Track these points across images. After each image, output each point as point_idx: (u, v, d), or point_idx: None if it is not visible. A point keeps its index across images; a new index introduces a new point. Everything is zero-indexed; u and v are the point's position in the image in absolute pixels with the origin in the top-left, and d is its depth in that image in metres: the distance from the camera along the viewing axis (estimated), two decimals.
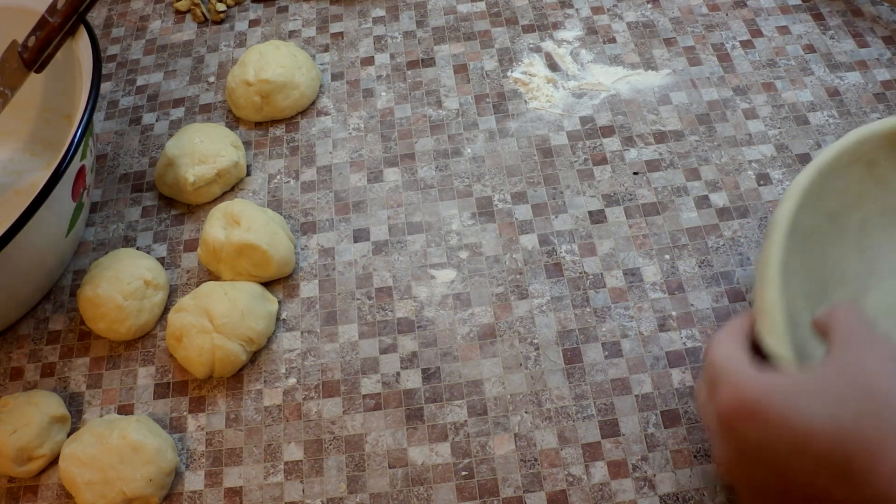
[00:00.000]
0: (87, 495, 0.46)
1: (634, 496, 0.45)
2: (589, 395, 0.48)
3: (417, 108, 0.63)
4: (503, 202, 0.57)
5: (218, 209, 0.55)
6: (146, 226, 0.60)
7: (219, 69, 0.69)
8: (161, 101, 0.67)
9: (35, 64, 0.55)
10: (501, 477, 0.46)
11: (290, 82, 0.62)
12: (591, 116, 0.61)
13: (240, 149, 0.61)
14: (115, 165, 0.64)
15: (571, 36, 0.66)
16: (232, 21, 0.72)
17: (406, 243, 0.56)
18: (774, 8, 0.65)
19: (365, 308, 0.54)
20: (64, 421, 0.50)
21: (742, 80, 0.61)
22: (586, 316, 0.51)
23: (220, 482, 0.48)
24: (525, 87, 0.63)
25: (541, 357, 0.50)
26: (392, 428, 0.49)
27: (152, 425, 0.48)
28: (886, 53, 0.61)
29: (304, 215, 0.59)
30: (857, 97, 0.59)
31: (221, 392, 0.51)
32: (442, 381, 0.50)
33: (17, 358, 0.55)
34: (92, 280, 0.53)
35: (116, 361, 0.54)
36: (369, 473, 0.47)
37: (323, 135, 0.63)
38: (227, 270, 0.54)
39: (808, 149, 0.57)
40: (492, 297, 0.53)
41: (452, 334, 0.52)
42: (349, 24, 0.70)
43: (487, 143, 0.60)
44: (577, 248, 0.54)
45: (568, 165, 0.58)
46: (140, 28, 0.74)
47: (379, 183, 0.59)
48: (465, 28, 0.68)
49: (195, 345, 0.50)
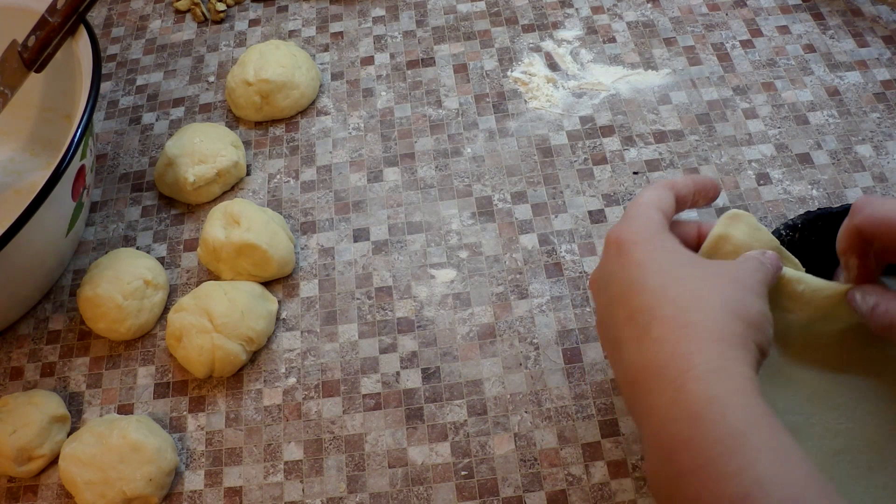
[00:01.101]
0: (87, 495, 0.46)
1: (634, 496, 0.45)
2: (589, 394, 0.48)
3: (417, 108, 0.63)
4: (503, 202, 0.57)
5: (218, 209, 0.55)
6: (146, 225, 0.60)
7: (219, 69, 0.69)
8: (161, 101, 0.67)
9: (35, 64, 0.55)
10: (501, 477, 0.46)
11: (289, 82, 0.62)
12: (591, 116, 0.61)
13: (240, 148, 0.61)
14: (114, 165, 0.64)
15: (571, 35, 0.66)
16: (232, 21, 0.72)
17: (406, 243, 0.56)
18: (774, 8, 0.65)
19: (365, 308, 0.54)
20: (64, 421, 0.50)
21: (742, 79, 0.61)
22: (586, 316, 0.51)
23: (220, 482, 0.48)
24: (525, 86, 0.63)
25: (541, 357, 0.50)
26: (392, 428, 0.49)
27: (152, 425, 0.49)
28: (886, 53, 0.61)
29: (303, 215, 0.59)
30: (857, 97, 0.59)
31: (221, 392, 0.51)
32: (442, 381, 0.50)
33: (17, 358, 0.55)
34: (92, 280, 0.53)
35: (116, 361, 0.54)
36: (369, 473, 0.47)
37: (323, 134, 0.63)
38: (226, 270, 0.54)
39: (808, 148, 0.57)
40: (492, 296, 0.53)
41: (452, 334, 0.52)
42: (349, 24, 0.70)
43: (487, 143, 0.60)
44: (577, 248, 0.54)
45: (568, 165, 0.58)
46: (140, 28, 0.74)
47: (379, 183, 0.59)
48: (465, 28, 0.68)
49: (195, 344, 0.50)
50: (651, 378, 0.31)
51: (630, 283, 0.34)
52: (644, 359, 0.32)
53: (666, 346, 0.31)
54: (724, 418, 0.28)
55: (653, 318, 0.32)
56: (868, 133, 0.57)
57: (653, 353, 0.32)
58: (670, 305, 0.32)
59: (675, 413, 0.29)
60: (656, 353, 0.31)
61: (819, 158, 0.56)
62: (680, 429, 0.29)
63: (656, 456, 0.31)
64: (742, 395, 0.29)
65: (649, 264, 0.34)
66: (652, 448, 0.31)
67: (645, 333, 0.32)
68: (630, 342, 0.33)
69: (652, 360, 0.31)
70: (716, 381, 0.29)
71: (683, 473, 0.29)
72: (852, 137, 0.57)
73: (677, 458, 0.29)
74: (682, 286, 0.33)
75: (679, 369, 0.30)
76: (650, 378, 0.31)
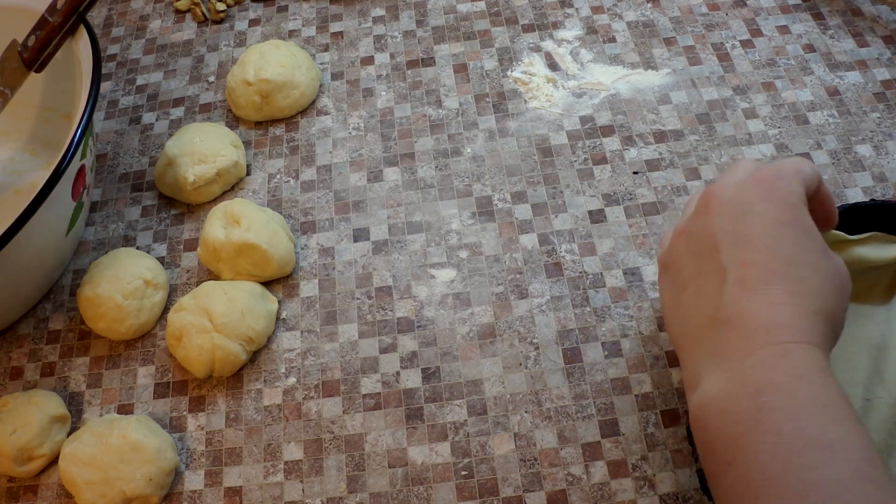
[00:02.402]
0: (87, 495, 0.46)
1: (634, 496, 0.45)
2: (589, 394, 0.48)
3: (417, 108, 0.63)
4: (503, 202, 0.57)
5: (218, 209, 0.55)
6: (146, 225, 0.60)
7: (219, 69, 0.69)
8: (161, 101, 0.67)
9: (35, 63, 0.55)
10: (501, 476, 0.46)
11: (289, 82, 0.62)
12: (591, 116, 0.61)
13: (240, 148, 0.61)
14: (114, 165, 0.64)
15: (571, 35, 0.66)
16: (232, 20, 0.72)
17: (406, 243, 0.56)
18: (774, 7, 0.65)
19: (365, 307, 0.54)
20: (64, 420, 0.50)
21: (742, 79, 0.61)
22: (586, 315, 0.51)
23: (220, 482, 0.48)
24: (525, 86, 0.63)
25: (541, 357, 0.50)
26: (392, 427, 0.49)
27: (152, 425, 0.49)
28: (886, 53, 0.61)
29: (303, 215, 0.59)
30: (857, 97, 0.59)
31: (221, 392, 0.51)
32: (442, 381, 0.50)
33: (17, 357, 0.55)
34: (92, 279, 0.53)
35: (116, 361, 0.54)
36: (369, 473, 0.47)
37: (323, 134, 0.63)
38: (226, 270, 0.54)
39: (807, 148, 0.57)
40: (492, 296, 0.53)
41: (452, 334, 0.52)
42: (349, 24, 0.70)
43: (487, 143, 0.60)
44: (577, 248, 0.54)
45: (568, 165, 0.58)
46: (140, 27, 0.74)
47: (379, 182, 0.59)
48: (465, 28, 0.68)
49: (195, 344, 0.50)
50: (758, 328, 0.33)
51: (767, 235, 0.35)
52: (755, 308, 0.34)
53: (783, 312, 0.33)
54: (824, 385, 0.32)
55: (771, 282, 0.34)
56: (868, 133, 0.57)
57: (768, 309, 0.33)
58: (797, 283, 0.34)
59: (777, 363, 0.32)
60: (772, 312, 0.33)
61: (819, 158, 0.56)
62: (778, 375, 0.32)
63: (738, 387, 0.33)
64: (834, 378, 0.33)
65: (791, 232, 0.35)
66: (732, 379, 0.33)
67: (764, 288, 0.34)
68: (743, 286, 0.34)
69: (764, 315, 0.33)
70: (821, 360, 0.33)
71: (771, 408, 0.31)
72: (852, 137, 0.57)
73: (768, 394, 0.32)
74: (810, 270, 0.34)
75: (792, 337, 0.33)
76: (757, 328, 0.33)
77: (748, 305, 0.34)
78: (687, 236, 0.38)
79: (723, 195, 0.37)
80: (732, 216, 0.36)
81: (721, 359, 0.34)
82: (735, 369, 0.33)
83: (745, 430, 0.32)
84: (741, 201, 0.36)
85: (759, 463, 0.31)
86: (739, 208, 0.36)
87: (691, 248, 0.37)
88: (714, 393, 0.34)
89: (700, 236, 0.37)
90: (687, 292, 0.37)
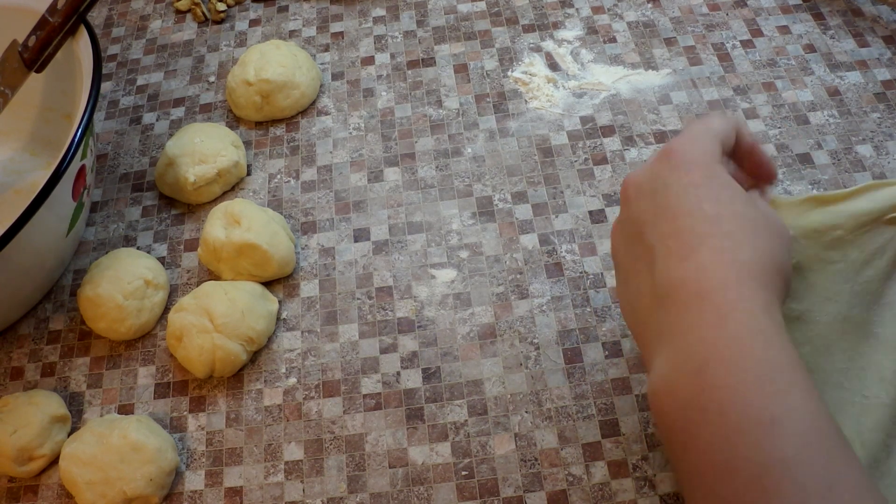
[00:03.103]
0: (88, 495, 0.46)
1: (634, 496, 0.45)
2: (589, 394, 0.48)
3: (418, 108, 0.63)
4: (503, 202, 0.57)
5: (218, 209, 0.55)
6: (146, 225, 0.60)
7: (219, 69, 0.69)
8: (161, 101, 0.67)
9: (35, 64, 0.55)
10: (501, 477, 0.46)
11: (290, 82, 0.62)
12: (592, 116, 0.61)
13: (240, 148, 0.61)
14: (115, 165, 0.64)
15: (572, 35, 0.66)
16: (232, 21, 0.72)
17: (406, 243, 0.56)
18: (775, 8, 0.65)
19: (365, 308, 0.54)
20: (64, 421, 0.50)
21: (742, 79, 0.61)
22: (586, 316, 0.51)
23: (221, 482, 0.48)
24: (525, 86, 0.63)
25: (541, 357, 0.50)
26: (392, 428, 0.49)
27: (153, 425, 0.49)
28: (886, 53, 0.61)
29: (304, 215, 0.59)
30: (858, 97, 0.59)
31: (222, 392, 0.51)
32: (442, 381, 0.50)
33: (18, 358, 0.55)
34: (92, 280, 0.53)
35: (117, 361, 0.54)
36: (369, 473, 0.47)
37: (323, 134, 0.63)
38: (227, 270, 0.54)
39: (808, 148, 0.57)
40: (492, 296, 0.53)
41: (453, 334, 0.52)
42: (349, 24, 0.70)
43: (487, 143, 0.60)
44: (578, 248, 0.54)
45: (568, 165, 0.58)
46: (140, 28, 0.74)
47: (379, 183, 0.59)
48: (466, 28, 0.68)
49: (195, 344, 0.50)
50: (692, 297, 0.32)
51: (682, 201, 0.35)
52: (686, 276, 0.33)
53: (715, 273, 0.32)
54: (767, 351, 0.30)
55: (702, 244, 0.33)
56: (868, 133, 0.57)
57: (698, 275, 0.33)
58: (724, 238, 0.33)
59: (716, 333, 0.31)
60: (702, 277, 0.33)
61: (819, 158, 0.56)
62: (718, 347, 0.31)
63: (681, 366, 0.32)
64: (782, 337, 0.31)
65: (706, 191, 0.35)
66: (676, 359, 0.32)
67: (691, 254, 0.33)
68: (670, 257, 0.34)
69: (695, 281, 0.33)
70: (764, 320, 0.31)
71: (714, 387, 0.30)
72: (853, 137, 0.57)
73: (710, 371, 0.31)
74: (735, 223, 0.34)
75: (728, 300, 0.32)
76: (690, 297, 0.32)
77: (678, 275, 0.33)
78: (619, 228, 0.39)
79: (637, 179, 0.38)
80: (648, 195, 0.36)
81: (666, 337, 0.33)
82: (678, 347, 0.32)
83: (693, 413, 0.31)
84: (653, 178, 0.36)
85: (709, 447, 0.30)
86: (652, 185, 0.36)
87: (624, 239, 0.38)
88: (662, 376, 0.33)
89: (626, 224, 0.38)
90: (629, 281, 0.37)
